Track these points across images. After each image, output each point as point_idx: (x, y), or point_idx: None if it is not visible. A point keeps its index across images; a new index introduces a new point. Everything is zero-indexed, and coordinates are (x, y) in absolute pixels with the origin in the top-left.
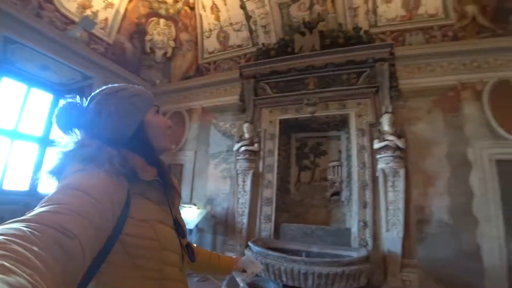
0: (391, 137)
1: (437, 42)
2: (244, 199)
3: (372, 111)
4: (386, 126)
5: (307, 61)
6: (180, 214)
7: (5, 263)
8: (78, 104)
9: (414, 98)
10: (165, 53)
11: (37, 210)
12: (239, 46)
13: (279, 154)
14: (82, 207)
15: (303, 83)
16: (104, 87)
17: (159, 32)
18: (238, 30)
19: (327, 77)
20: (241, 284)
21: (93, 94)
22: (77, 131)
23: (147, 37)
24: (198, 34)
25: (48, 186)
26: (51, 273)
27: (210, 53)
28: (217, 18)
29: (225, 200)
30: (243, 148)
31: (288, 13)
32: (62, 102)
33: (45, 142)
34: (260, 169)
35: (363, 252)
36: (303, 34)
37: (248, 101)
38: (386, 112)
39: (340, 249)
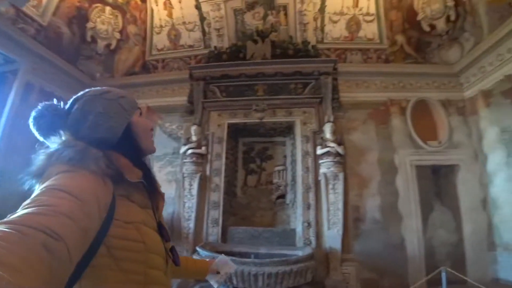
0: (332, 144)
1: (373, 62)
2: (191, 203)
3: (316, 120)
4: (328, 134)
5: (258, 68)
6: (163, 217)
7: None
8: (59, 106)
9: (352, 110)
10: (109, 45)
11: (21, 212)
12: (190, 46)
13: (226, 158)
14: (68, 208)
15: (253, 89)
16: (87, 89)
17: (104, 21)
18: (191, 30)
19: (275, 85)
20: (215, 286)
21: (76, 96)
22: (61, 132)
23: (89, 25)
24: (148, 29)
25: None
26: (37, 275)
27: (159, 50)
28: (170, 15)
29: (170, 204)
30: (190, 151)
31: (242, 20)
32: (40, 105)
33: None
34: (208, 173)
35: (308, 251)
36: (255, 41)
37: (197, 103)
38: (328, 121)
39: (286, 249)
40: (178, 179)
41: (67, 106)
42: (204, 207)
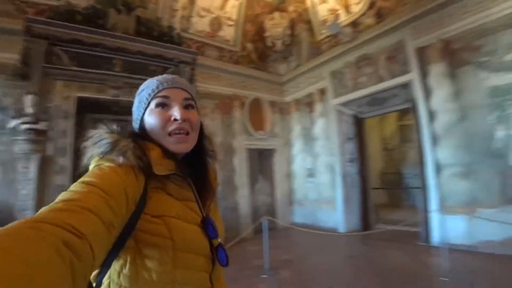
0: None
1: (225, 61)
2: (28, 189)
3: None
4: None
5: (120, 42)
6: (215, 211)
7: None
8: None
9: (204, 98)
10: None
11: (49, 207)
12: None
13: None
14: (93, 203)
15: (110, 63)
16: None
17: None
18: None
19: (135, 64)
20: None
21: None
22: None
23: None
24: None
25: None
26: (56, 272)
27: None
28: None
29: None
30: (25, 126)
31: None
32: None
33: None
34: (50, 152)
35: None
36: (119, 11)
37: (35, 67)
38: None
39: None
40: (6, 161)
41: None
42: (47, 193)
